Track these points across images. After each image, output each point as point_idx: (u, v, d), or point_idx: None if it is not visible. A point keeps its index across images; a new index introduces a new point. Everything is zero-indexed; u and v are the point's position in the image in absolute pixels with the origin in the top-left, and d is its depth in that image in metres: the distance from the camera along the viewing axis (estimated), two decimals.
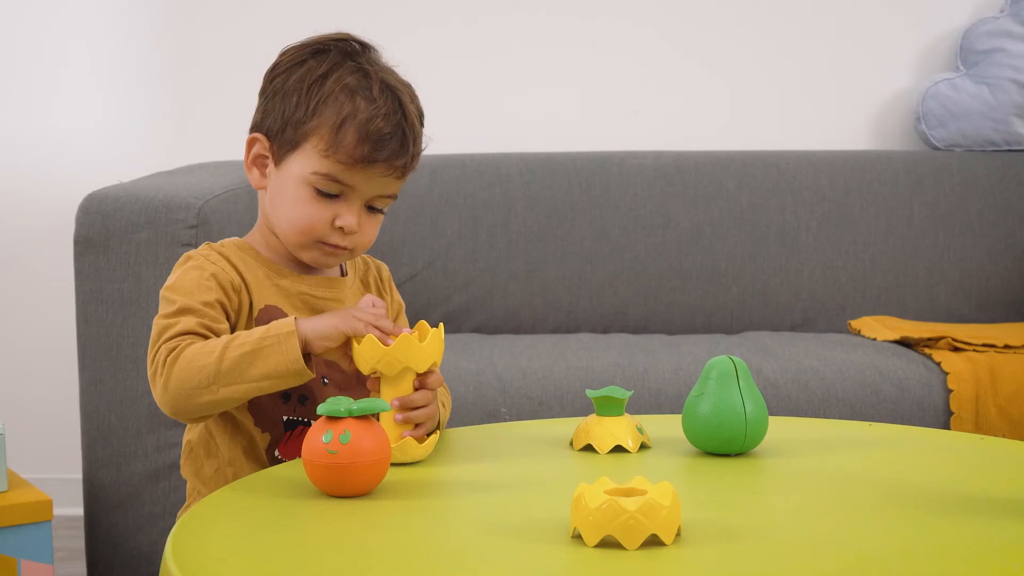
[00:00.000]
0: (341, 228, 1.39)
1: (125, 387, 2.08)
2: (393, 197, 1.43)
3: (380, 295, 1.53)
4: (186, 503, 1.46)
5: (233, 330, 1.39)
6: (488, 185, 2.69)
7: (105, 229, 2.06)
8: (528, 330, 2.65)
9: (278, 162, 1.41)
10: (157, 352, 1.33)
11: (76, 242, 2.08)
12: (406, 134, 1.39)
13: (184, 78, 2.93)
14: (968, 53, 2.81)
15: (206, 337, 1.34)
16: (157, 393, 1.33)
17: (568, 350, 2.30)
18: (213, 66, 2.92)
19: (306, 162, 1.38)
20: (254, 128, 1.44)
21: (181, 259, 1.42)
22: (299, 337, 1.29)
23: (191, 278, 1.38)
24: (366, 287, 1.52)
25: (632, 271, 2.66)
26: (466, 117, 2.89)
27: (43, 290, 2.90)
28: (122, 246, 2.06)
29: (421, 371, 1.31)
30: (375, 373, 1.32)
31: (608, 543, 1.02)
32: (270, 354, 1.29)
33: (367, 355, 1.30)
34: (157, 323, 1.36)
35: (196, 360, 1.30)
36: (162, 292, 1.39)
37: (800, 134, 2.90)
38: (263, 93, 1.44)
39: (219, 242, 1.45)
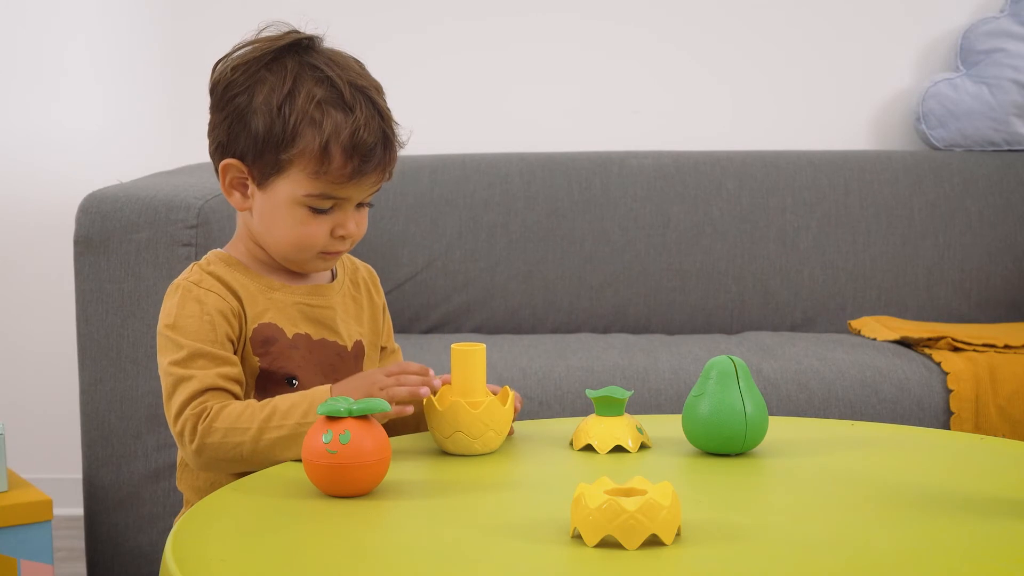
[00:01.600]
0: (341, 236, 1.39)
1: (125, 387, 2.08)
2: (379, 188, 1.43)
3: (370, 296, 1.53)
4: (182, 511, 1.46)
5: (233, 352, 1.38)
6: (488, 185, 2.69)
7: (105, 229, 2.06)
8: (528, 330, 2.64)
9: (261, 184, 1.39)
10: (183, 418, 1.32)
11: (76, 242, 2.08)
12: (388, 136, 1.38)
13: (184, 78, 2.93)
14: (968, 53, 2.81)
15: (230, 392, 1.33)
16: (188, 456, 1.33)
17: (568, 350, 2.30)
18: None
19: (296, 185, 1.37)
20: (221, 150, 1.41)
21: (171, 289, 1.40)
22: None
23: (191, 314, 1.36)
24: (355, 287, 1.52)
25: (632, 271, 2.66)
26: (466, 117, 2.89)
27: (43, 290, 2.90)
28: (122, 246, 2.06)
29: (504, 434, 1.35)
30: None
31: (608, 543, 1.02)
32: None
33: (452, 420, 1.32)
34: (169, 371, 1.34)
35: (231, 436, 1.30)
36: (162, 330, 1.37)
37: (800, 134, 2.90)
38: (220, 111, 1.40)
39: (204, 259, 1.43)
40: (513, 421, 1.41)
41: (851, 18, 2.90)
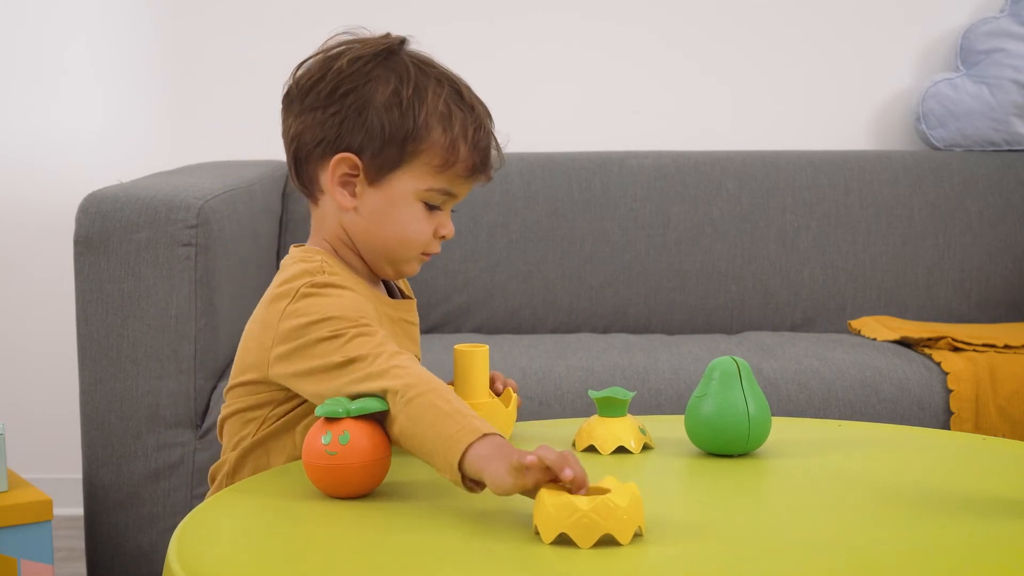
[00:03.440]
0: (442, 236, 1.41)
1: (125, 387, 2.08)
2: None
3: (405, 295, 1.52)
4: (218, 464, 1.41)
5: None
6: (488, 185, 2.67)
7: (105, 229, 2.06)
8: (528, 330, 2.64)
9: (375, 180, 1.36)
10: (378, 356, 1.23)
11: (76, 242, 2.08)
12: (495, 137, 1.41)
13: (184, 78, 2.93)
14: (968, 53, 2.81)
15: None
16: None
17: (568, 350, 2.30)
18: (213, 66, 2.92)
19: (418, 180, 1.36)
20: (325, 146, 1.35)
21: (303, 290, 1.30)
22: (471, 467, 1.14)
23: (349, 301, 1.30)
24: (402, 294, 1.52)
25: (632, 271, 2.66)
26: None
27: (43, 290, 2.90)
28: (122, 246, 2.06)
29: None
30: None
31: (565, 541, 1.03)
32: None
33: None
34: (333, 353, 1.24)
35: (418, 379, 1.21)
36: (304, 330, 1.27)
37: (800, 134, 2.90)
38: (329, 106, 1.35)
39: (315, 265, 1.35)
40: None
41: (851, 18, 2.90)
